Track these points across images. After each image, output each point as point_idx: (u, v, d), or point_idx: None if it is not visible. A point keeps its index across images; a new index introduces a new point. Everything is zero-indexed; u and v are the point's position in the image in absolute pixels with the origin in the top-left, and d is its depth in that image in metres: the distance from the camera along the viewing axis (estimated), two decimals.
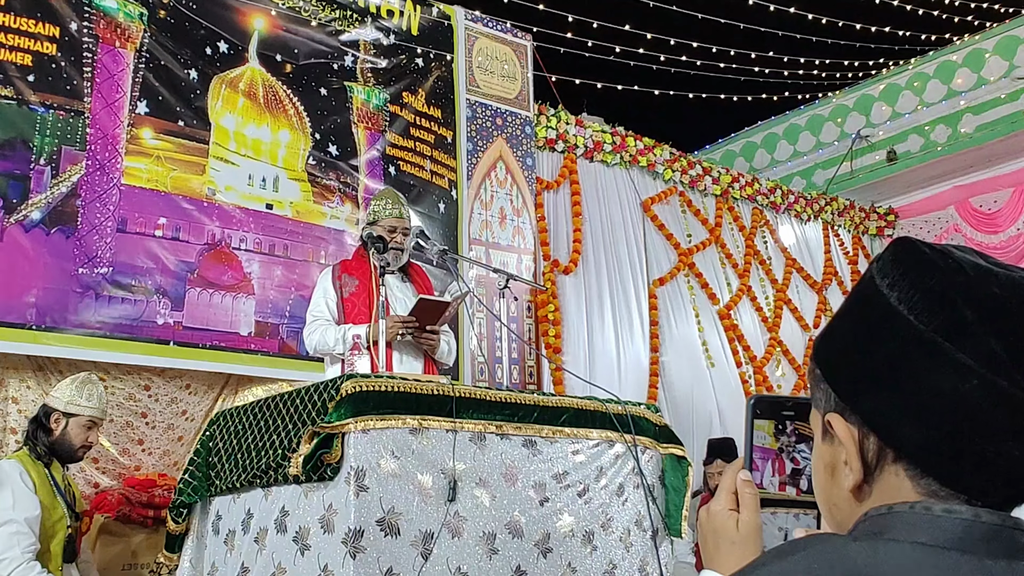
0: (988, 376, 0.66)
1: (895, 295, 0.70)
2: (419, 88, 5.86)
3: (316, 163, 5.26)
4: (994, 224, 8.52)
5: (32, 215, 4.20)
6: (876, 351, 0.71)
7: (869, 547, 0.66)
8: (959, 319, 0.67)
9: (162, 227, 4.58)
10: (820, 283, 8.32)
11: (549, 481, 2.77)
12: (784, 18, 8.26)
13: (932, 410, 0.68)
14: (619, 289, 6.63)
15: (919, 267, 0.71)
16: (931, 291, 0.69)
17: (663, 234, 7.14)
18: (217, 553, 2.79)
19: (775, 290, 7.88)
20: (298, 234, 5.09)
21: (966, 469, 0.68)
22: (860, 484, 0.73)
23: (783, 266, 8.09)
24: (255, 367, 4.79)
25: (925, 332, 0.68)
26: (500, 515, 2.61)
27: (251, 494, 2.68)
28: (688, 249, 7.25)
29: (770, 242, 8.10)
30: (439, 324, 3.47)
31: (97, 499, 4.10)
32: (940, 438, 0.68)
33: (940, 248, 0.72)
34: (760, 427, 0.92)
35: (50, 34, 4.39)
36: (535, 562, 2.65)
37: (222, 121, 4.92)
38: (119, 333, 4.32)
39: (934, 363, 0.67)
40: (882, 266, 0.73)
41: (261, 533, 2.57)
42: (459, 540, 2.50)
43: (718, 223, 7.63)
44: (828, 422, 0.76)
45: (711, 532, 0.92)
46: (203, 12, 4.98)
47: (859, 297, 0.75)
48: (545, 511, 2.73)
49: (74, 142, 4.36)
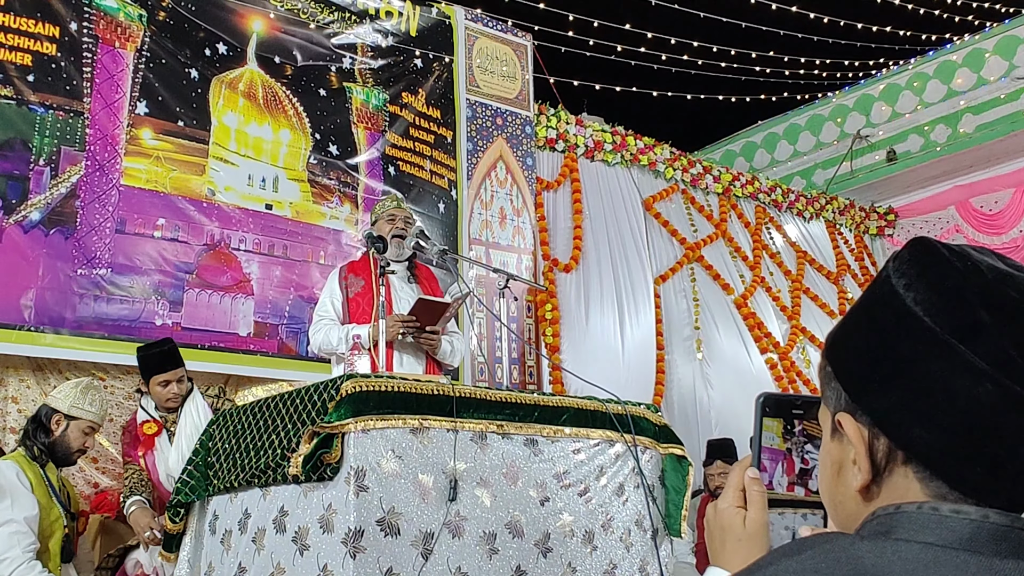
0: (1003, 380, 0.65)
1: (911, 296, 0.70)
2: (419, 88, 5.86)
3: (316, 163, 5.25)
4: (996, 225, 8.51)
5: (31, 215, 4.19)
6: (889, 351, 0.70)
7: (876, 546, 0.66)
8: (975, 322, 0.66)
9: (161, 228, 4.57)
10: (836, 273, 8.32)
11: (549, 481, 2.76)
12: (785, 17, 8.26)
13: (944, 412, 0.67)
14: (623, 287, 6.61)
15: (937, 268, 0.70)
16: (948, 292, 0.68)
17: (667, 230, 7.13)
18: (214, 553, 2.78)
19: (790, 280, 7.87)
20: (297, 234, 5.08)
21: (977, 472, 0.67)
22: (868, 484, 0.73)
23: (795, 259, 8.09)
24: (254, 368, 4.78)
25: (940, 334, 0.67)
26: (500, 515, 2.61)
27: (249, 494, 2.67)
28: (695, 243, 7.23)
29: (777, 237, 8.09)
30: (439, 325, 3.49)
31: (97, 499, 4.09)
32: (952, 441, 0.67)
33: (958, 249, 0.71)
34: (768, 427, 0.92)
35: (50, 34, 4.38)
36: (535, 562, 2.64)
37: (224, 119, 4.91)
38: (117, 334, 4.32)
39: (948, 365, 0.66)
40: (899, 265, 0.73)
41: (259, 533, 2.56)
42: (459, 540, 2.49)
43: (723, 219, 7.63)
44: (838, 421, 0.75)
45: (718, 529, 0.91)
46: (202, 14, 4.98)
47: (874, 296, 0.74)
48: (545, 511, 2.72)
49: (73, 142, 4.36)
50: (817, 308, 7.95)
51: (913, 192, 9.03)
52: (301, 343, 4.94)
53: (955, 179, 8.69)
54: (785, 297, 7.75)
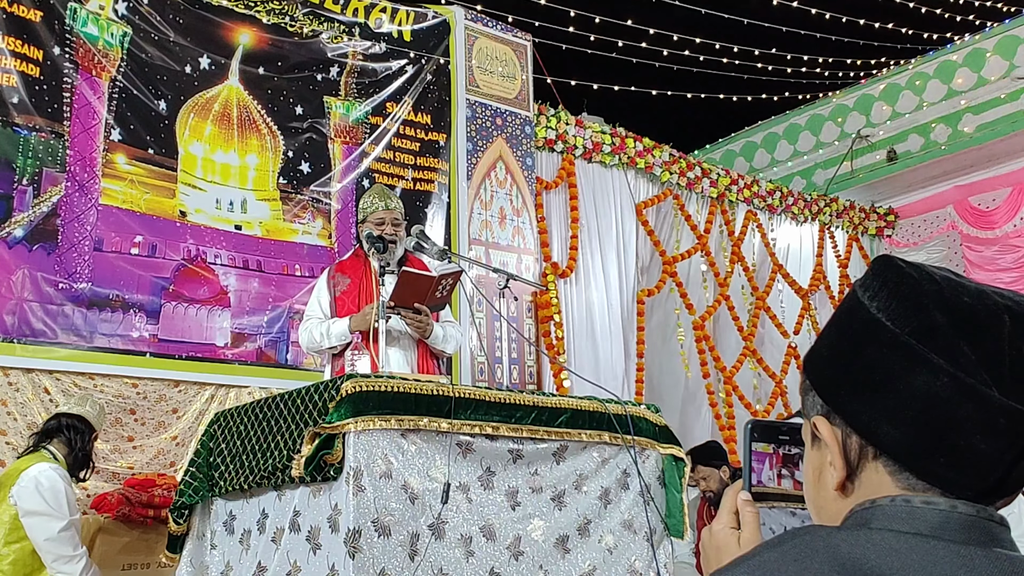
0: (958, 374, 0.70)
1: (875, 304, 0.76)
2: (405, 96, 5.84)
3: (287, 182, 5.33)
4: (990, 221, 8.53)
5: (15, 232, 4.37)
6: (858, 356, 0.76)
7: (852, 536, 0.71)
8: (931, 323, 0.72)
9: (138, 245, 4.74)
10: (806, 289, 8.23)
11: (547, 481, 2.77)
12: (786, 15, 8.26)
13: (908, 408, 0.72)
14: (610, 294, 6.64)
15: (897, 279, 0.76)
16: (906, 298, 0.75)
17: (651, 240, 7.11)
18: (232, 553, 2.80)
19: (755, 298, 7.80)
20: (270, 250, 5.20)
21: (940, 463, 0.72)
22: (843, 481, 0.78)
23: (769, 272, 8.01)
24: (233, 376, 4.89)
25: (901, 335, 0.73)
26: (498, 514, 2.62)
27: (266, 495, 2.69)
28: (672, 257, 7.18)
29: (759, 246, 8.02)
30: (428, 303, 3.39)
31: (97, 499, 4.11)
32: (915, 434, 0.72)
33: (918, 264, 0.78)
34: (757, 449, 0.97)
35: (34, 57, 4.52)
36: (507, 563, 2.65)
37: (191, 148, 5.03)
38: (98, 344, 4.49)
39: (909, 364, 0.72)
40: (864, 280, 0.80)
41: (278, 533, 2.59)
42: (441, 541, 2.49)
43: (707, 229, 7.55)
44: (814, 424, 0.81)
45: (713, 550, 0.96)
46: (189, 27, 5.06)
47: (843, 310, 0.81)
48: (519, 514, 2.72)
49: (55, 164, 4.53)
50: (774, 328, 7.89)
51: (913, 192, 9.03)
52: (280, 352, 5.06)
53: (955, 179, 8.69)
54: (745, 317, 7.68)
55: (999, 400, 0.70)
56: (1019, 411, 0.70)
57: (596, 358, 6.39)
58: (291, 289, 5.17)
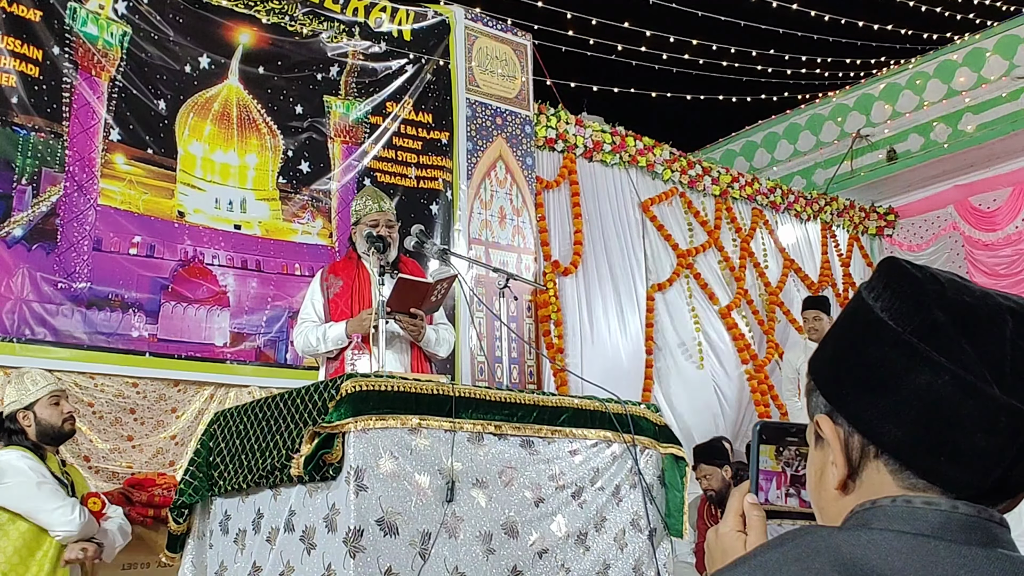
0: (959, 372, 0.71)
1: (879, 304, 0.77)
2: (405, 96, 5.84)
3: (287, 181, 5.33)
4: (992, 222, 8.52)
5: (14, 232, 4.37)
6: (861, 356, 0.76)
7: (854, 536, 0.71)
8: (933, 321, 0.73)
9: (137, 245, 4.73)
10: (818, 284, 8.29)
11: (546, 481, 2.77)
12: (785, 16, 8.26)
13: (910, 406, 0.72)
14: (618, 291, 6.63)
15: (900, 279, 0.77)
16: (909, 298, 0.75)
17: (662, 235, 7.13)
18: (226, 552, 2.80)
19: (768, 293, 7.85)
20: (269, 250, 5.20)
21: (941, 462, 0.72)
22: (845, 480, 0.78)
23: (780, 267, 8.07)
24: (233, 376, 4.89)
25: (903, 334, 0.73)
26: (497, 515, 2.62)
27: (261, 494, 2.69)
28: (687, 251, 7.23)
29: (768, 243, 8.07)
30: (424, 307, 3.42)
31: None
32: (917, 432, 0.73)
33: (922, 266, 0.79)
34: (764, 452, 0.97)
35: (34, 57, 4.52)
36: (531, 562, 2.65)
37: (190, 148, 5.02)
38: (97, 344, 4.48)
39: (911, 363, 0.72)
40: (869, 282, 0.81)
41: (272, 533, 2.59)
42: (455, 540, 2.50)
43: (717, 225, 7.62)
44: (817, 423, 0.81)
45: (719, 552, 0.95)
46: (188, 27, 5.05)
47: (848, 311, 0.82)
48: (541, 511, 2.73)
49: (54, 164, 4.52)
50: (789, 324, 7.91)
51: (913, 192, 9.03)
52: (280, 351, 5.05)
53: (955, 178, 8.69)
54: (763, 311, 7.74)
55: (1000, 398, 0.70)
56: (1020, 409, 0.70)
57: (604, 355, 6.38)
58: (290, 289, 5.17)
